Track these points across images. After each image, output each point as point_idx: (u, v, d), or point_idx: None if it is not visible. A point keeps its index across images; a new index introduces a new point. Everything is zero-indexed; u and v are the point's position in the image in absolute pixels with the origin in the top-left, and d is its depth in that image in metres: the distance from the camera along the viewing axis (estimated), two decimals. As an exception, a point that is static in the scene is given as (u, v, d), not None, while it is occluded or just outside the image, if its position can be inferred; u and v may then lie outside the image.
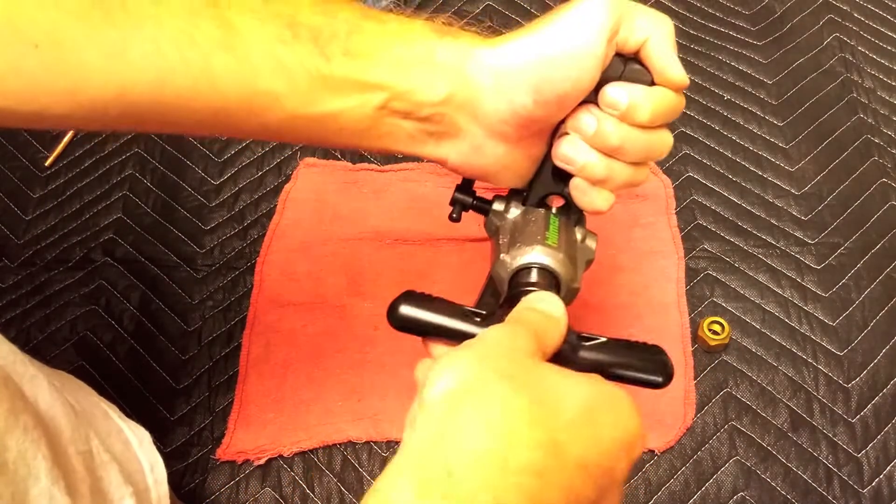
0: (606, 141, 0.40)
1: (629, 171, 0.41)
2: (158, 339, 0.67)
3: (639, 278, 0.67)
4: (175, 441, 0.62)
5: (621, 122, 0.40)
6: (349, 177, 0.74)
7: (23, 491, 0.36)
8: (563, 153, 0.41)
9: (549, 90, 0.38)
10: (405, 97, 0.38)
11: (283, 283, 0.68)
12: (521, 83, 0.38)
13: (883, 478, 0.59)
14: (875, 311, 0.66)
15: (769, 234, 0.70)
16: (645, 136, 0.40)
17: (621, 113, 0.39)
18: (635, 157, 0.41)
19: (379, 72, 0.38)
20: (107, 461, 0.44)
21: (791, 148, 0.74)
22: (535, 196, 0.45)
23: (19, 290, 0.69)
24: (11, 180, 0.76)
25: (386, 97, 0.38)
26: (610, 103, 0.39)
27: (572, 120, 0.40)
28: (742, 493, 0.59)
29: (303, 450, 0.61)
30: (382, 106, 0.39)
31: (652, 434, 0.61)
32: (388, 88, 0.38)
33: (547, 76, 0.38)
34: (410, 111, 0.39)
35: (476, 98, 0.39)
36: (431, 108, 0.39)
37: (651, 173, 0.72)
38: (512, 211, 0.46)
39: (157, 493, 0.49)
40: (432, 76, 0.38)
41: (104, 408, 0.49)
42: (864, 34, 0.81)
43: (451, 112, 0.39)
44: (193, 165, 0.76)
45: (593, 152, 0.40)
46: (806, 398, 0.62)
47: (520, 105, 0.38)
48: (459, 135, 0.40)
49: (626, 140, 0.40)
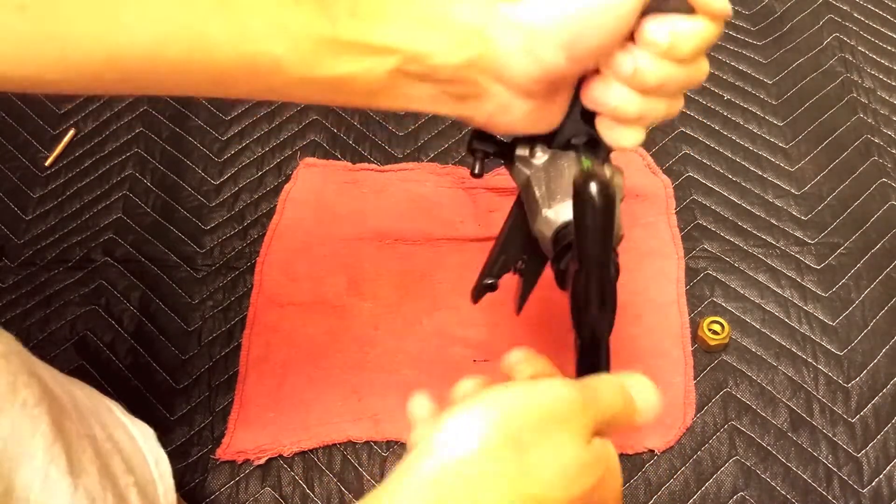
0: (645, 80, 0.37)
1: (664, 106, 0.38)
2: (158, 339, 0.67)
3: (639, 278, 0.67)
4: (175, 441, 0.62)
5: (662, 59, 0.36)
6: (349, 177, 0.74)
7: (10, 470, 0.36)
8: (595, 96, 0.38)
9: (583, 46, 0.35)
10: (420, 60, 0.35)
11: (283, 283, 0.68)
12: (551, 41, 0.35)
13: (883, 478, 0.59)
14: (875, 311, 0.66)
15: (769, 233, 0.70)
16: (685, 70, 0.37)
17: (663, 51, 0.36)
18: (673, 92, 0.38)
19: (389, 34, 0.35)
20: (110, 449, 0.44)
21: (791, 148, 0.74)
22: (563, 138, 0.41)
23: (19, 290, 0.69)
24: (11, 180, 0.76)
25: (399, 60, 0.35)
26: (650, 41, 0.36)
27: (605, 60, 0.37)
28: (742, 492, 0.59)
29: (303, 450, 0.61)
30: (396, 70, 0.36)
31: (652, 434, 0.61)
32: (400, 51, 0.35)
33: (580, 31, 0.35)
34: (427, 74, 0.36)
35: (501, 60, 0.36)
36: (451, 72, 0.36)
37: (651, 173, 0.72)
38: (538, 156, 0.42)
39: (163, 486, 0.50)
40: (451, 38, 0.35)
41: (108, 404, 0.50)
42: (864, 34, 0.81)
43: (473, 75, 0.36)
44: (193, 165, 0.76)
45: (628, 92, 0.37)
46: (806, 398, 0.62)
47: (551, 64, 0.35)
48: (484, 96, 0.37)
49: (666, 78, 0.37)
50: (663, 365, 0.63)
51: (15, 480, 0.36)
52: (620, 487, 0.32)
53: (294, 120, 0.77)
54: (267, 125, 0.77)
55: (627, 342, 0.64)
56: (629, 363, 0.63)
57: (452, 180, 0.73)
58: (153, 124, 0.78)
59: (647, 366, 0.63)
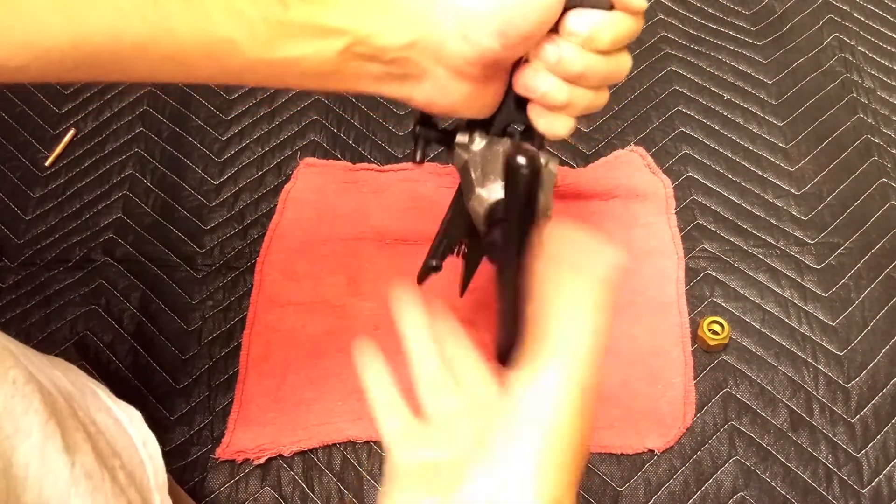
0: (568, 68, 0.40)
1: (590, 96, 0.42)
2: (158, 339, 0.67)
3: (639, 278, 0.67)
4: (175, 440, 0.62)
5: (582, 49, 0.40)
6: (349, 177, 0.74)
7: (8, 448, 0.36)
8: (525, 82, 0.41)
9: (514, 33, 0.38)
10: (367, 41, 0.38)
11: (283, 283, 0.68)
12: (486, 27, 0.38)
13: (883, 478, 0.59)
14: (875, 311, 0.66)
15: (769, 234, 0.70)
16: (605, 62, 0.41)
17: (583, 40, 0.40)
18: (596, 82, 0.41)
19: (339, 16, 0.38)
20: (94, 433, 0.44)
21: (791, 148, 0.74)
22: (499, 125, 0.45)
23: (19, 290, 0.69)
24: (11, 180, 0.76)
25: (348, 42, 0.38)
26: (571, 31, 0.39)
27: (534, 49, 0.41)
28: (742, 492, 0.59)
29: (303, 449, 0.61)
30: (345, 50, 0.38)
31: (652, 434, 0.61)
32: (349, 33, 0.38)
33: (512, 19, 0.38)
34: (374, 55, 0.39)
35: (441, 42, 0.39)
36: (395, 53, 0.39)
37: (651, 173, 0.72)
38: (476, 142, 0.45)
39: (152, 466, 0.50)
40: (395, 20, 0.38)
41: (93, 387, 0.50)
42: (864, 34, 0.81)
43: (415, 56, 0.39)
44: (193, 165, 0.76)
45: (555, 79, 0.41)
46: (806, 398, 0.62)
47: (486, 48, 0.38)
48: (424, 76, 0.40)
49: (587, 67, 0.40)
50: (663, 365, 0.63)
51: (13, 457, 0.37)
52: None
53: (294, 120, 0.77)
54: (267, 125, 0.77)
55: (627, 342, 0.64)
56: (629, 363, 0.63)
57: (452, 180, 0.72)
58: (153, 124, 0.78)
59: (647, 366, 0.63)
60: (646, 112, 0.76)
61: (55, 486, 0.39)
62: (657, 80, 0.78)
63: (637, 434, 0.61)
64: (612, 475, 0.60)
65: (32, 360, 0.44)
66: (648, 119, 0.76)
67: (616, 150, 0.74)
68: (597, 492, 0.59)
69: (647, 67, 0.79)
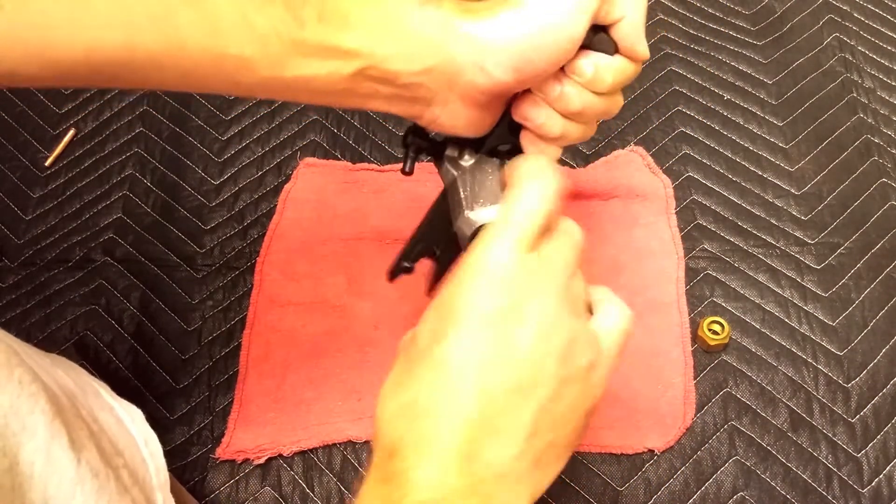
0: (568, 105, 0.41)
1: (581, 130, 0.44)
2: (158, 338, 0.67)
3: (639, 278, 0.67)
4: (175, 440, 0.62)
5: (584, 88, 0.41)
6: (349, 177, 0.74)
7: (14, 446, 0.37)
8: (524, 112, 0.42)
9: (530, 69, 0.39)
10: (382, 65, 0.38)
11: (283, 283, 0.68)
12: (503, 61, 0.38)
13: (883, 478, 0.59)
14: (875, 311, 0.66)
15: (769, 234, 0.70)
16: (602, 101, 0.42)
17: (586, 81, 0.41)
18: (590, 119, 0.43)
19: (356, 38, 0.37)
20: (97, 431, 0.45)
21: (791, 148, 0.74)
22: (490, 146, 0.45)
23: (19, 290, 0.69)
24: (11, 180, 0.76)
25: (362, 64, 0.38)
26: (577, 72, 0.41)
27: (539, 84, 0.42)
28: (742, 492, 0.59)
29: (303, 449, 0.61)
30: (358, 72, 0.38)
31: (652, 434, 0.61)
32: (364, 56, 0.38)
33: (529, 56, 0.38)
34: (387, 78, 0.39)
35: (457, 72, 0.39)
36: (409, 78, 0.39)
37: (651, 173, 0.72)
38: (466, 158, 0.46)
39: (154, 465, 0.50)
40: (413, 46, 0.38)
41: (95, 386, 0.50)
42: (864, 34, 0.81)
43: (428, 82, 0.39)
44: (193, 165, 0.76)
45: (553, 113, 0.42)
46: (806, 398, 0.62)
47: (500, 80, 0.39)
48: (435, 101, 0.41)
49: (585, 105, 0.42)
50: (663, 365, 0.63)
51: (19, 455, 0.37)
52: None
53: (294, 120, 0.77)
54: (267, 125, 0.77)
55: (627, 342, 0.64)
56: (629, 363, 0.63)
57: (452, 180, 0.73)
58: (153, 124, 0.78)
59: (647, 366, 0.63)
60: (646, 112, 0.76)
61: (61, 485, 0.39)
62: (657, 80, 0.78)
63: (637, 434, 0.61)
64: (612, 475, 0.60)
65: (36, 359, 0.44)
66: (648, 119, 0.76)
67: (616, 150, 0.74)
68: (597, 492, 0.59)
69: (647, 67, 0.79)
